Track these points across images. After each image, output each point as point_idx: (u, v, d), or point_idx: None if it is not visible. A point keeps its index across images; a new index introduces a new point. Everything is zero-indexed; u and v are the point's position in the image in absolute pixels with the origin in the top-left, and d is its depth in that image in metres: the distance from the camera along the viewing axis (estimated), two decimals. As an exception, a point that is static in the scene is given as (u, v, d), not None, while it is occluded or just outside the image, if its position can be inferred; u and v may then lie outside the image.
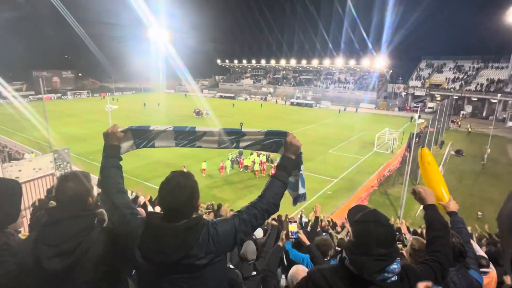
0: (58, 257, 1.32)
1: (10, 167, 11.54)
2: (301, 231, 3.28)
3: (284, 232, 2.62)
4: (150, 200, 6.75)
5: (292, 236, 2.64)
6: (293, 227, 2.69)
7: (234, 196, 15.78)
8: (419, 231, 7.16)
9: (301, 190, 1.78)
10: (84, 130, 30.72)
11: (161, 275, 1.32)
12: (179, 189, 1.32)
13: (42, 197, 11.32)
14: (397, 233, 6.34)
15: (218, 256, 1.35)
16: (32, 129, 25.90)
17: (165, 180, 1.37)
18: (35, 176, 11.90)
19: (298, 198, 1.82)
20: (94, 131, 29.63)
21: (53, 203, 4.85)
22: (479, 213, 13.90)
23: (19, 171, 11.52)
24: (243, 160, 20.00)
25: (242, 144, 1.75)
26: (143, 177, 17.23)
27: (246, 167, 19.70)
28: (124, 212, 1.45)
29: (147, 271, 1.34)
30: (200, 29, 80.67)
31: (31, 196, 10.75)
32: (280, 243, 2.57)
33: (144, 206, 5.87)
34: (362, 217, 1.34)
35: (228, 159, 20.15)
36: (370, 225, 1.27)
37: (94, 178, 1.66)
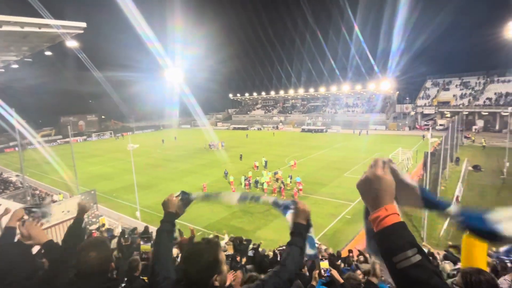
0: None
1: (40, 211, 12.38)
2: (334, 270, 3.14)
3: (317, 271, 2.40)
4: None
5: (325, 275, 2.41)
6: (325, 265, 2.44)
7: (253, 227, 15.73)
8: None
9: (309, 252, 1.81)
10: (108, 168, 31.94)
11: None
12: (197, 263, 1.29)
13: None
14: (430, 257, 6.68)
15: None
16: (61, 171, 26.92)
17: (187, 253, 1.36)
18: (64, 218, 12.33)
19: (307, 257, 1.85)
20: (117, 169, 31.16)
21: None
22: None
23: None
24: (249, 182, 22.07)
25: (261, 200, 1.98)
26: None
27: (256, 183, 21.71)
28: (158, 277, 1.49)
29: None
30: (212, 67, 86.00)
31: (60, 238, 12.13)
32: (314, 283, 2.39)
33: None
34: None
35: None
36: None
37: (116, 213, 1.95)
